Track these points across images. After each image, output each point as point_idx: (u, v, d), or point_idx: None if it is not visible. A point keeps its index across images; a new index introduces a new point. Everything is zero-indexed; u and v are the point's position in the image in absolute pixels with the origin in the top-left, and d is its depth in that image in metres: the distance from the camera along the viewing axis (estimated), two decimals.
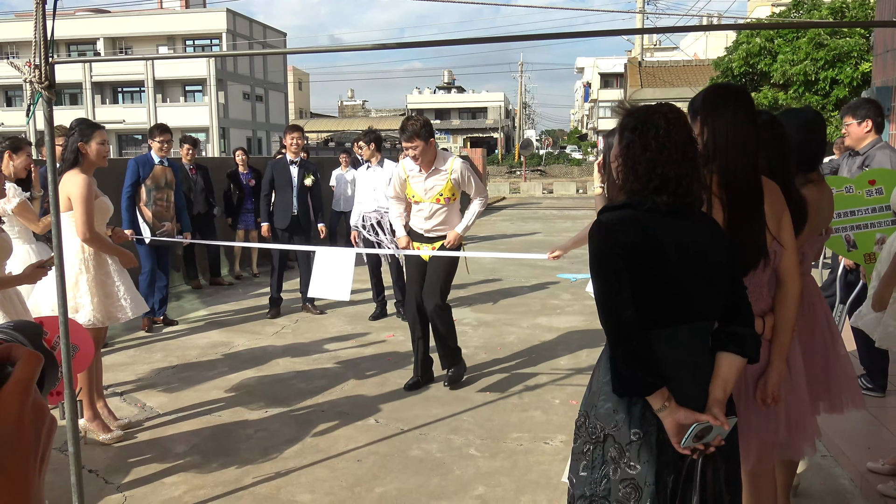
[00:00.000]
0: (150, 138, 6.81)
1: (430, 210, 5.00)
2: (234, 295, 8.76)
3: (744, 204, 2.30)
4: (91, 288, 4.14)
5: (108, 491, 3.61)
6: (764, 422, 2.47)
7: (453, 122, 66.56)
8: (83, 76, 42.99)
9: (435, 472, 3.79)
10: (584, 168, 44.87)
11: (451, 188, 4.93)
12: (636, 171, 1.99)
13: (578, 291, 8.57)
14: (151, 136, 6.79)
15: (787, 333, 2.42)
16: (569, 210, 22.14)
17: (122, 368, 5.66)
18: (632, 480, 2.02)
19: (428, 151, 4.87)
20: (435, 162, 4.94)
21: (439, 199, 4.95)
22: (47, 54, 2.76)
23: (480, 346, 6.26)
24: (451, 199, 4.97)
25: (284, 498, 3.52)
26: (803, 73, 14.96)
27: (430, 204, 4.97)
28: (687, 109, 2.49)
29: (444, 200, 4.96)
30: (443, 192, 4.93)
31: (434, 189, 4.95)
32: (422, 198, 4.98)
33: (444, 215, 5.01)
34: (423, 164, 4.91)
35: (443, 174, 4.93)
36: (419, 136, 4.80)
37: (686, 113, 2.13)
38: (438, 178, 4.94)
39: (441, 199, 4.95)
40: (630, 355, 1.93)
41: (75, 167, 4.15)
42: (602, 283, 1.97)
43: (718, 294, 2.03)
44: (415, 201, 5.06)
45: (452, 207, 5.04)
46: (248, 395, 5.05)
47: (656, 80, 32.34)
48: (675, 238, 1.98)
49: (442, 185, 4.93)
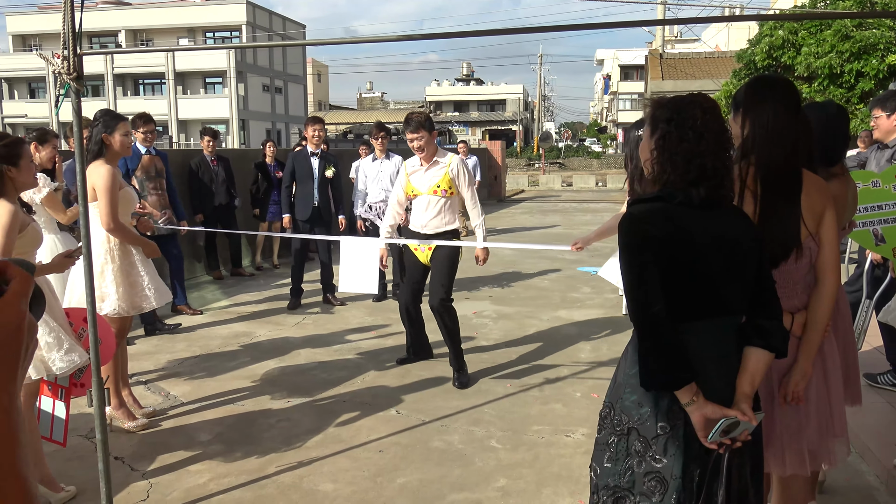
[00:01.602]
0: (133, 129, 6.67)
1: (426, 202, 5.08)
2: (256, 286, 8.81)
3: (778, 197, 2.27)
4: (116, 278, 4.18)
5: (133, 478, 3.65)
6: (796, 429, 2.43)
7: (472, 114, 66.42)
8: (105, 68, 43.37)
9: (456, 464, 3.80)
10: (603, 161, 44.65)
11: (448, 181, 5.03)
12: (674, 163, 1.96)
13: (598, 284, 8.54)
14: (134, 127, 6.61)
15: (818, 332, 2.37)
16: (588, 203, 22.04)
17: (146, 358, 5.72)
18: (657, 474, 2.02)
19: (430, 144, 5.08)
20: (435, 155, 5.12)
21: (437, 191, 5.04)
22: (76, 46, 2.78)
23: (501, 338, 6.26)
24: (448, 192, 5.05)
25: (307, 487, 3.55)
26: (828, 66, 14.74)
27: (428, 196, 5.06)
28: (731, 101, 2.47)
29: (441, 192, 5.04)
30: (440, 184, 5.03)
31: (432, 181, 5.06)
32: (420, 191, 5.10)
33: (440, 207, 5.07)
34: (425, 156, 5.07)
35: (441, 167, 5.07)
36: (424, 127, 5.01)
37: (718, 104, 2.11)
38: (437, 170, 5.08)
39: (438, 191, 5.04)
40: (659, 349, 1.92)
41: (99, 158, 4.19)
42: (632, 275, 1.96)
43: (747, 288, 2.01)
44: (414, 195, 5.15)
45: (451, 203, 5.10)
46: (269, 384, 5.09)
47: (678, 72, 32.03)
48: (707, 231, 1.96)
49: (440, 177, 5.04)
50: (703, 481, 1.99)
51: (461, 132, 55.92)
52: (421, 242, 5.10)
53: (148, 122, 6.58)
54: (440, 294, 5.02)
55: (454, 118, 61.53)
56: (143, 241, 4.37)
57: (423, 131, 5.00)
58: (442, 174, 5.04)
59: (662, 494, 2.01)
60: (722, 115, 2.01)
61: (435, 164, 5.10)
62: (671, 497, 1.99)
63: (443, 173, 5.04)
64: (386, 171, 7.77)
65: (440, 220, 5.08)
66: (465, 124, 60.81)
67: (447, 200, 5.07)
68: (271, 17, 47.49)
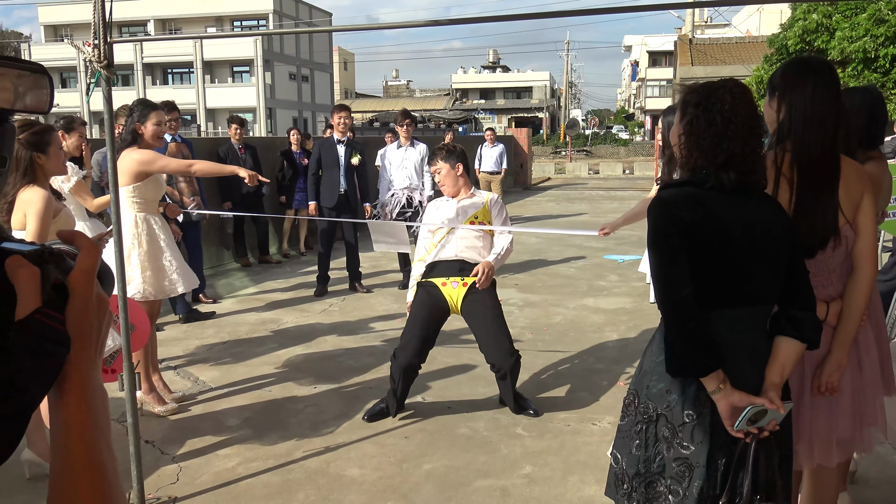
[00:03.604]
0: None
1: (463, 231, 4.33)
2: (283, 273, 8.88)
3: (815, 184, 2.22)
4: (143, 262, 4.24)
5: (163, 461, 3.71)
6: (828, 421, 2.38)
7: (498, 101, 66.12)
8: (135, 58, 43.81)
9: (482, 451, 3.81)
10: (630, 148, 44.23)
11: (486, 212, 4.39)
12: (701, 147, 1.94)
13: (625, 273, 8.48)
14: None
15: (854, 322, 2.32)
16: (615, 191, 21.86)
17: (175, 343, 5.80)
18: (685, 460, 2.01)
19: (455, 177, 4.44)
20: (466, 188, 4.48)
21: (474, 222, 4.35)
22: (106, 34, 2.81)
23: (527, 326, 6.24)
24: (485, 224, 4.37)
25: (334, 472, 3.58)
26: (862, 50, 14.43)
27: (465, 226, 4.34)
28: (766, 86, 2.43)
29: (478, 223, 4.35)
30: (478, 216, 4.36)
31: (468, 213, 4.39)
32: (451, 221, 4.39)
33: (477, 236, 4.35)
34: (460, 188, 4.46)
35: (478, 198, 4.47)
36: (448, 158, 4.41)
37: (749, 89, 2.07)
38: (474, 201, 4.45)
39: (476, 222, 4.35)
40: (686, 335, 1.90)
41: (132, 147, 4.24)
42: (660, 260, 1.94)
43: (779, 276, 1.98)
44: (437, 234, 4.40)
45: (486, 238, 4.39)
46: (297, 371, 5.13)
47: (708, 57, 31.57)
48: (738, 217, 1.93)
49: (478, 208, 4.39)
50: (728, 470, 1.97)
51: (487, 120, 55.72)
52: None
53: (172, 111, 6.65)
54: (509, 348, 4.08)
55: (480, 106, 61.28)
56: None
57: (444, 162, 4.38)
58: (480, 207, 4.41)
59: (689, 480, 2.00)
60: (753, 100, 1.97)
61: (472, 195, 4.48)
62: (695, 485, 1.98)
63: (481, 206, 4.41)
64: (411, 159, 7.78)
65: (475, 249, 4.30)
66: (492, 112, 60.51)
67: (483, 234, 4.38)
68: (298, 5, 47.59)
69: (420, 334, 4.10)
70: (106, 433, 0.72)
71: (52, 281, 0.68)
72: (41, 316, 0.66)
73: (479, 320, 4.13)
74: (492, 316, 4.12)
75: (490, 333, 4.09)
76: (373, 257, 9.41)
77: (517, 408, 4.26)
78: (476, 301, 4.14)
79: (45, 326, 0.66)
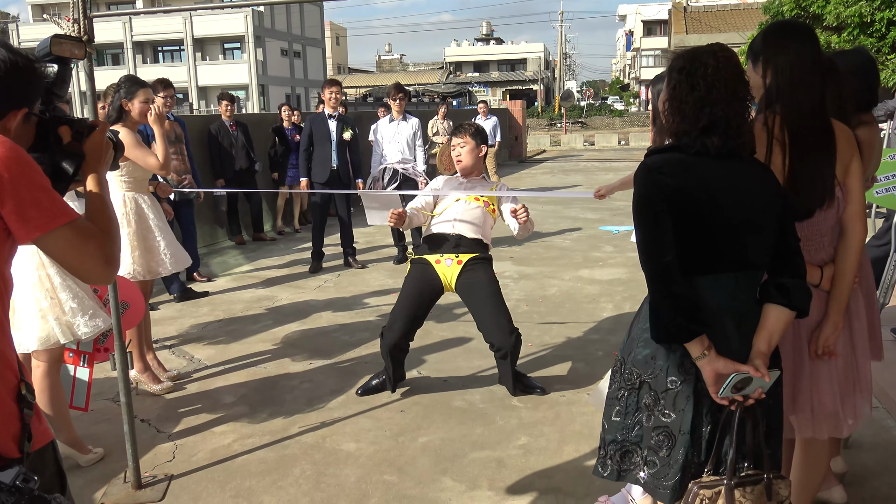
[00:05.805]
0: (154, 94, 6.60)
1: (463, 205, 4.21)
2: (277, 250, 8.86)
3: (809, 144, 2.20)
4: (132, 241, 4.21)
5: (160, 440, 3.71)
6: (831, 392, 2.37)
7: (492, 74, 65.58)
8: (124, 36, 43.35)
9: (478, 423, 3.82)
10: (626, 119, 44.04)
11: (493, 199, 4.28)
12: (683, 112, 1.92)
13: (620, 244, 8.47)
14: (154, 92, 6.55)
15: (847, 284, 2.31)
16: (611, 162, 21.80)
17: (170, 322, 5.79)
18: (665, 428, 2.01)
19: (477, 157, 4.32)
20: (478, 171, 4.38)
21: (478, 199, 4.23)
22: (86, 9, 2.77)
23: (522, 298, 6.24)
24: (489, 206, 4.25)
25: (330, 447, 3.59)
26: (858, 15, 14.33)
27: (466, 202, 4.22)
28: (746, 53, 2.39)
29: (482, 202, 4.23)
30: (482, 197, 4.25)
31: (475, 191, 4.27)
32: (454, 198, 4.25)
33: (477, 213, 4.21)
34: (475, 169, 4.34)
35: (487, 183, 4.38)
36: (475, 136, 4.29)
37: (737, 53, 2.04)
38: (483, 184, 4.36)
39: (480, 200, 4.22)
40: (669, 299, 1.89)
41: (118, 124, 4.19)
42: (644, 225, 1.93)
43: (766, 242, 1.96)
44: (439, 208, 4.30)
45: (487, 218, 4.26)
46: (292, 347, 5.13)
47: (702, 25, 31.34)
48: (724, 182, 1.91)
49: (485, 189, 4.31)
50: (713, 438, 1.97)
51: (481, 93, 55.35)
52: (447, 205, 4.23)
53: (168, 88, 6.57)
54: (508, 327, 3.96)
55: (474, 79, 60.86)
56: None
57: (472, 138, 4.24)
58: (488, 188, 4.32)
59: (670, 449, 2.00)
60: (739, 65, 1.94)
61: (482, 179, 4.40)
62: (679, 452, 1.98)
63: (489, 187, 4.33)
64: (403, 133, 7.73)
65: (473, 226, 4.17)
66: (486, 84, 60.08)
67: (485, 214, 4.25)
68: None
69: (408, 313, 4.03)
70: (108, 199, 1.68)
71: (78, 129, 1.70)
72: (69, 145, 1.68)
73: (476, 299, 4.02)
74: (489, 294, 4.01)
75: (487, 312, 3.97)
76: (367, 233, 9.39)
77: (522, 388, 4.16)
78: (472, 279, 4.05)
79: (73, 146, 1.69)
